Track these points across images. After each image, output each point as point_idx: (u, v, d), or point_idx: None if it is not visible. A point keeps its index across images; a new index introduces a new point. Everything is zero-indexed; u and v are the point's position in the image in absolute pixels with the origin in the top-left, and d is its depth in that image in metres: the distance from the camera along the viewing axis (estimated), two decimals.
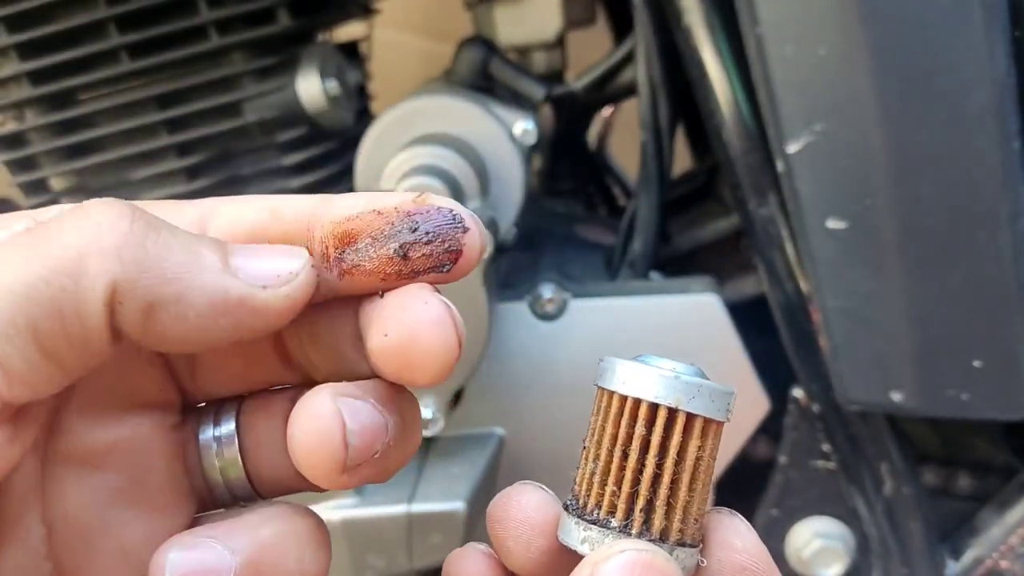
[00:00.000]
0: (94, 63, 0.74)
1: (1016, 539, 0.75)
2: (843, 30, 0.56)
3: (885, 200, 0.59)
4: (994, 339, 0.61)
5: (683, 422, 0.33)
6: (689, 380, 0.33)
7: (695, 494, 0.33)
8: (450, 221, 0.33)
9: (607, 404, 0.34)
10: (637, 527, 0.32)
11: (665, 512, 0.33)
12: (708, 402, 0.33)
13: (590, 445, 0.34)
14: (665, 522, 0.33)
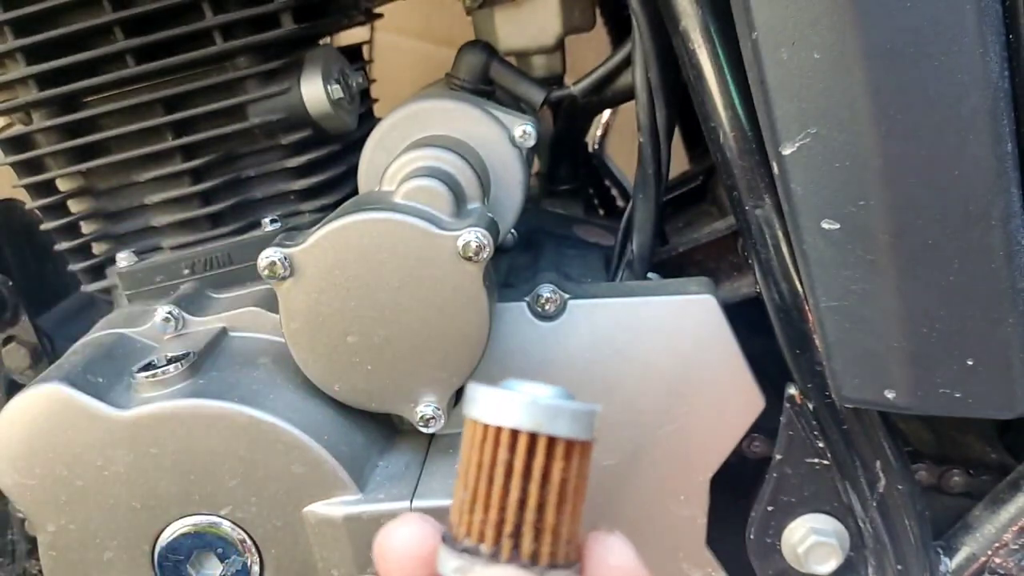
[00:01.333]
0: (100, 66, 0.74)
1: (1009, 536, 0.76)
2: (838, 35, 0.56)
3: (879, 201, 0.59)
4: (987, 338, 0.62)
5: (545, 445, 0.33)
6: (546, 404, 0.33)
7: (564, 515, 0.34)
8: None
9: (471, 433, 0.34)
10: (506, 553, 0.33)
11: (534, 535, 0.33)
12: (569, 423, 0.34)
13: (460, 474, 0.34)
14: (535, 545, 0.33)
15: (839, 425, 0.73)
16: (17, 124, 0.78)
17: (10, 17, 0.71)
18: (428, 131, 0.73)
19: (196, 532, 0.70)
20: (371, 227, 0.63)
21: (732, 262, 0.84)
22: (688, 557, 0.79)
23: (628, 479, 0.76)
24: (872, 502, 0.74)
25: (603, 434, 0.74)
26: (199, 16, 0.73)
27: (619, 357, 0.73)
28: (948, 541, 0.78)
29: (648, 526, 0.78)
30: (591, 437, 0.35)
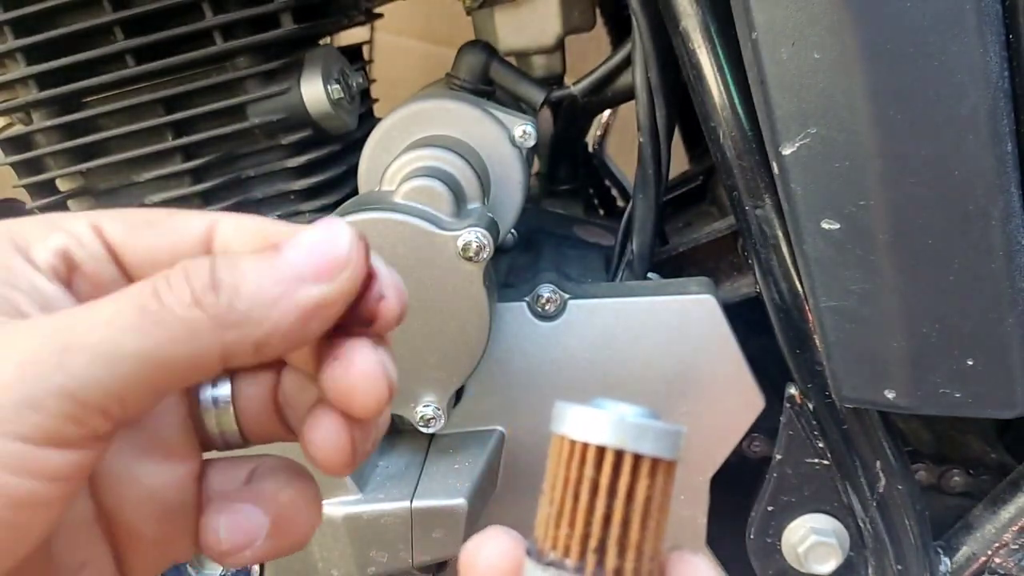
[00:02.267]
0: (100, 66, 0.74)
1: (1009, 536, 0.76)
2: (837, 34, 0.56)
3: (879, 201, 0.59)
4: (987, 338, 0.62)
5: (631, 463, 0.34)
6: (635, 422, 0.34)
7: (648, 532, 0.34)
8: None
9: (559, 449, 0.35)
10: (591, 568, 0.33)
11: (618, 552, 0.33)
12: (655, 443, 0.34)
13: (546, 489, 0.35)
14: (619, 561, 0.33)
15: (839, 425, 0.73)
16: (17, 124, 0.78)
17: (10, 17, 0.71)
18: (428, 131, 0.73)
19: None
20: (371, 227, 0.63)
21: (732, 262, 0.84)
22: None
23: None
24: (872, 502, 0.75)
25: None
26: (199, 16, 0.73)
27: (619, 357, 0.73)
28: (948, 541, 0.78)
29: None
30: (676, 456, 0.35)
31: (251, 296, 0.34)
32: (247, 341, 0.34)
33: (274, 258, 0.35)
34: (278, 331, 0.34)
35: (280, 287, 0.34)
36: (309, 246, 0.35)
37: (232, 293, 0.34)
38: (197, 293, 0.33)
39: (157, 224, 0.39)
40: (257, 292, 0.34)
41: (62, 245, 0.37)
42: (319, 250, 0.35)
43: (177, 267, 0.34)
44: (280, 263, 0.35)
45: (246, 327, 0.34)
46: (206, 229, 0.39)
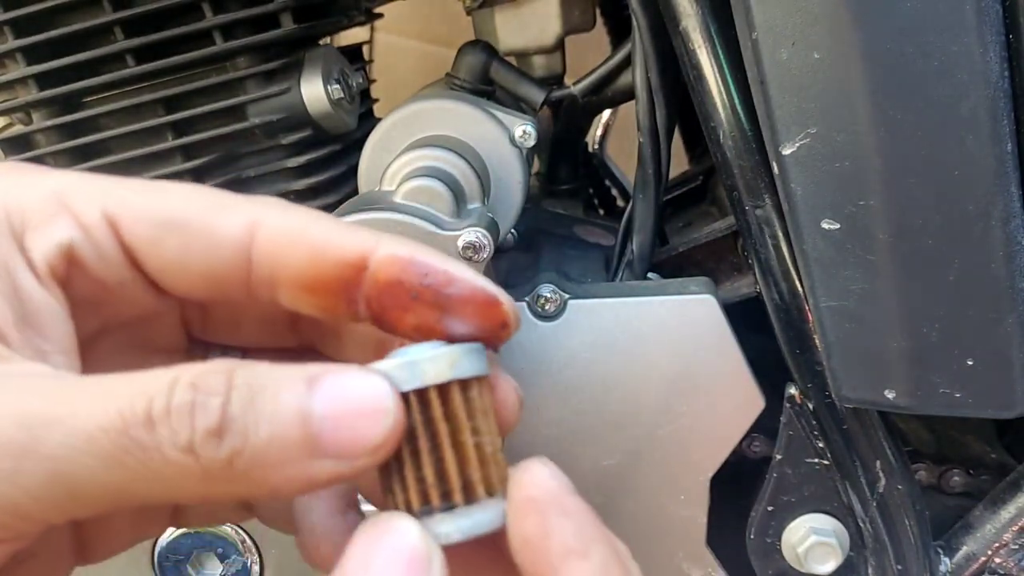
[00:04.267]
0: (100, 66, 0.74)
1: (1009, 536, 0.76)
2: (837, 34, 0.56)
3: (879, 201, 0.59)
4: (987, 338, 0.62)
5: (436, 394, 0.34)
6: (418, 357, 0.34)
7: (481, 446, 0.35)
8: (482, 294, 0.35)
9: None
10: (436, 503, 0.34)
11: (460, 472, 0.34)
12: (448, 368, 0.34)
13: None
14: (463, 478, 0.35)
15: (839, 425, 0.73)
16: (17, 124, 0.78)
17: (10, 17, 0.71)
18: (428, 131, 0.73)
19: (196, 532, 0.70)
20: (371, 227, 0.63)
21: (732, 262, 0.84)
22: (688, 557, 0.79)
23: (628, 479, 0.76)
24: (872, 502, 0.74)
25: (603, 434, 0.75)
26: (199, 16, 0.73)
27: (619, 357, 0.73)
28: (948, 541, 0.78)
29: (648, 526, 0.78)
30: (479, 372, 0.36)
31: (258, 456, 0.29)
32: (233, 495, 0.30)
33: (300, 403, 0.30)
34: (272, 495, 0.30)
35: (293, 454, 0.29)
36: (343, 411, 0.30)
37: (237, 446, 0.28)
38: (197, 439, 0.28)
39: (188, 227, 0.33)
40: (266, 452, 0.29)
41: (66, 239, 0.32)
42: (352, 424, 0.30)
43: (184, 382, 0.29)
44: (304, 420, 0.29)
45: (239, 485, 0.29)
46: (245, 232, 0.33)
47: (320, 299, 0.34)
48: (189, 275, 0.33)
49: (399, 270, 0.33)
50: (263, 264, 0.34)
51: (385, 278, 0.33)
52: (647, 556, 0.80)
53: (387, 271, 0.33)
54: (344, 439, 0.30)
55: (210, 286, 0.34)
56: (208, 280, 0.34)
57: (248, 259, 0.34)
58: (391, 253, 0.34)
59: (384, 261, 0.34)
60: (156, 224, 0.33)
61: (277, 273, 0.34)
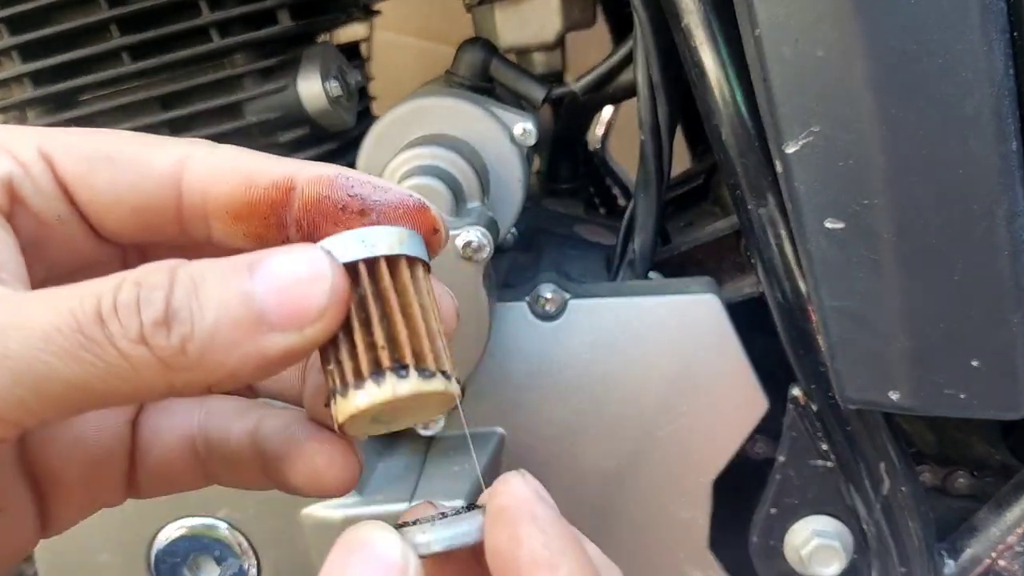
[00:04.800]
0: (96, 64, 0.74)
1: (1014, 538, 0.75)
2: (841, 32, 0.56)
3: (883, 200, 0.59)
4: (992, 339, 0.61)
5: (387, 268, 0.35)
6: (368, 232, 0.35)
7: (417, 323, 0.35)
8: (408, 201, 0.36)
9: None
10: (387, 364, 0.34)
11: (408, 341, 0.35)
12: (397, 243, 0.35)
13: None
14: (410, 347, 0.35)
15: (843, 426, 0.72)
16: (12, 122, 0.78)
17: (5, 15, 0.71)
18: (427, 129, 0.73)
19: (192, 535, 0.69)
20: None
21: (735, 261, 0.83)
22: (690, 559, 0.79)
23: (630, 480, 0.76)
24: (876, 504, 0.74)
25: (604, 435, 0.74)
26: (195, 13, 0.72)
27: (620, 357, 0.73)
28: (952, 543, 0.78)
29: (650, 528, 0.78)
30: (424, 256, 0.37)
31: (207, 339, 0.30)
32: (196, 384, 0.31)
33: (242, 285, 0.31)
34: (232, 378, 0.31)
35: (240, 331, 0.30)
36: (283, 284, 0.31)
37: (186, 332, 0.30)
38: (146, 328, 0.29)
39: (118, 159, 0.35)
40: (215, 334, 0.30)
41: (6, 173, 0.34)
42: (294, 294, 0.31)
43: (130, 280, 0.30)
44: (247, 298, 0.31)
45: (197, 371, 0.30)
46: (175, 165, 0.35)
47: (251, 226, 0.35)
48: (122, 208, 0.35)
49: (326, 184, 0.35)
50: (194, 194, 0.35)
51: (313, 194, 0.35)
52: (648, 558, 0.79)
53: (314, 187, 0.35)
54: (289, 308, 0.31)
55: (143, 222, 0.36)
56: (141, 215, 0.35)
57: (179, 192, 0.35)
58: (316, 172, 0.35)
59: (311, 178, 0.35)
60: (87, 158, 0.35)
61: (208, 202, 0.35)
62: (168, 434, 0.39)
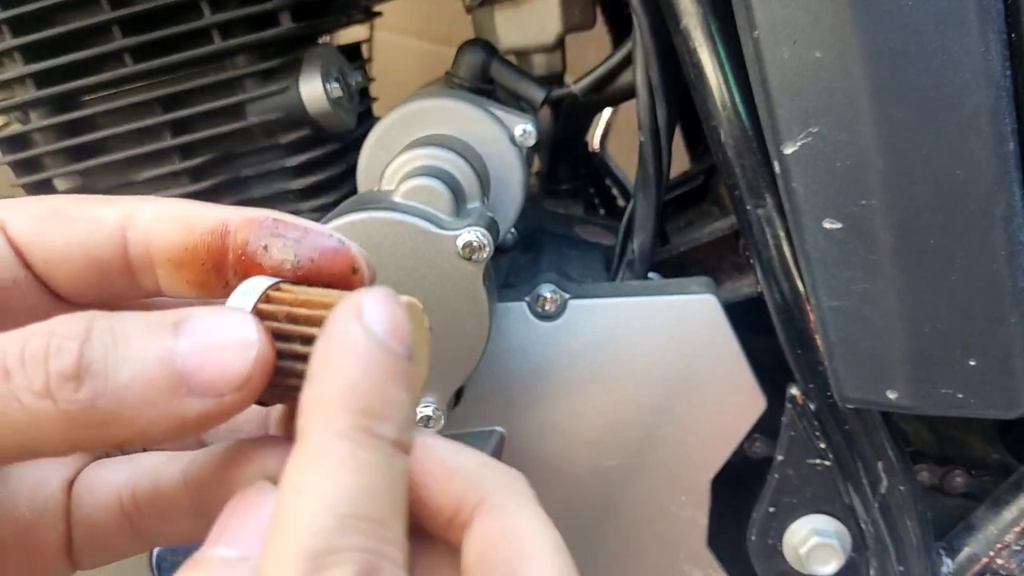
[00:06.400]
0: (98, 65, 0.74)
1: (1012, 537, 0.75)
2: (839, 33, 0.56)
3: (881, 201, 0.59)
4: (989, 338, 0.61)
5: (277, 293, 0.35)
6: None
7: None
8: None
9: None
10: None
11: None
12: None
13: None
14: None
15: (841, 426, 0.72)
16: (15, 123, 0.78)
17: (8, 16, 0.71)
18: (427, 130, 0.73)
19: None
20: (370, 226, 0.63)
21: (733, 262, 0.84)
22: (689, 558, 0.79)
23: (629, 480, 0.76)
24: (874, 503, 0.74)
25: (604, 435, 0.74)
26: (197, 15, 0.72)
27: (620, 357, 0.73)
28: (950, 542, 0.78)
29: (649, 527, 0.78)
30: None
31: (120, 395, 0.28)
32: (101, 441, 0.29)
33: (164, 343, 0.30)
34: (142, 437, 0.29)
35: (156, 391, 0.29)
36: (207, 348, 0.30)
37: (98, 387, 0.28)
38: (52, 381, 0.28)
39: (65, 217, 0.35)
40: (128, 391, 0.29)
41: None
42: (216, 359, 0.30)
43: (42, 330, 0.29)
44: (167, 357, 0.30)
45: (104, 429, 0.29)
46: (120, 219, 0.35)
47: (192, 273, 0.36)
48: (74, 265, 0.35)
49: (253, 227, 0.35)
50: (139, 244, 0.35)
51: (242, 239, 0.35)
52: (648, 557, 0.79)
53: (242, 232, 0.35)
54: (209, 374, 0.30)
55: (95, 278, 0.36)
56: (92, 270, 0.36)
57: (125, 244, 0.36)
58: (246, 216, 0.36)
59: (240, 223, 0.36)
60: (38, 218, 0.35)
61: (152, 252, 0.36)
62: (101, 489, 0.37)
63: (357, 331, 0.29)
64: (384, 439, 0.28)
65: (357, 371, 0.29)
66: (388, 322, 0.30)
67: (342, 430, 0.28)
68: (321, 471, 0.27)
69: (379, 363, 0.29)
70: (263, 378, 0.31)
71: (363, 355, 0.29)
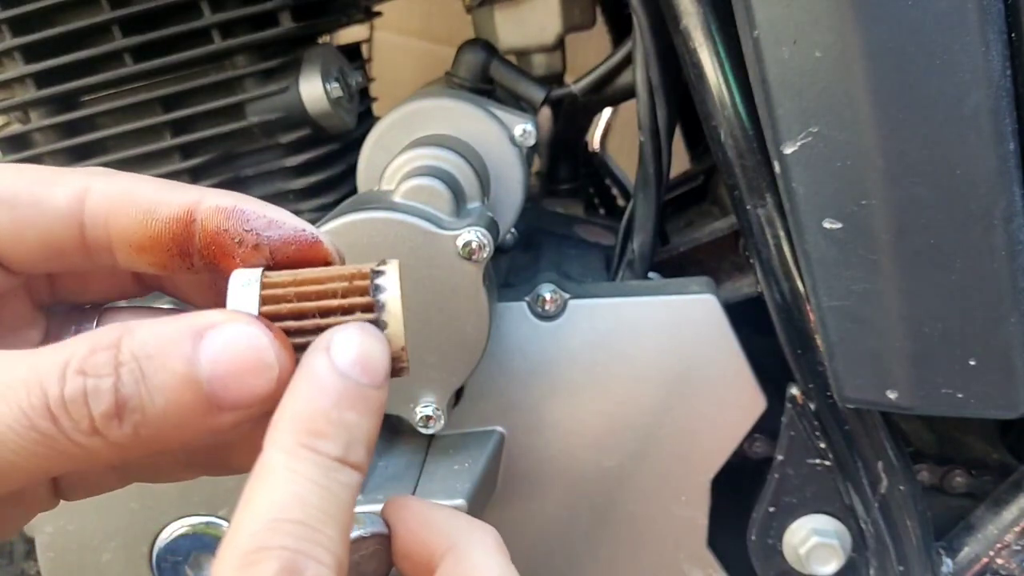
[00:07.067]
0: (98, 65, 0.74)
1: (1012, 537, 0.75)
2: (839, 33, 0.56)
3: (881, 200, 0.59)
4: (989, 338, 0.61)
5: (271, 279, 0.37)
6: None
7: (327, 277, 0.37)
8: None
9: None
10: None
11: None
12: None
13: None
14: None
15: (841, 425, 0.72)
16: (15, 123, 0.78)
17: (8, 16, 0.71)
18: (427, 130, 0.73)
19: (194, 533, 0.69)
20: (370, 226, 0.63)
21: (733, 262, 0.84)
22: (689, 558, 0.79)
23: (629, 480, 0.76)
24: (874, 503, 0.74)
25: (604, 435, 0.74)
26: (197, 14, 0.72)
27: (620, 357, 0.73)
28: (950, 542, 0.78)
29: (649, 527, 0.78)
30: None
31: (159, 422, 0.31)
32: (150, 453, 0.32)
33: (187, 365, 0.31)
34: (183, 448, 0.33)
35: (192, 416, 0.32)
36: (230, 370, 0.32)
37: (138, 420, 0.31)
38: (98, 422, 0.30)
39: (17, 203, 0.36)
40: (165, 418, 0.31)
41: None
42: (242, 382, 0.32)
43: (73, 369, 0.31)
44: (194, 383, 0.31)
45: (152, 446, 0.32)
46: (74, 199, 0.36)
47: (155, 256, 0.37)
48: (27, 247, 0.36)
49: (223, 219, 0.36)
50: (97, 228, 0.36)
51: (212, 228, 0.36)
52: (648, 557, 0.79)
53: (212, 221, 0.36)
54: (235, 395, 0.32)
55: (49, 256, 0.37)
56: (46, 250, 0.36)
57: (81, 225, 0.36)
58: (215, 204, 0.36)
59: (209, 212, 0.36)
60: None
61: (111, 235, 0.36)
62: None
63: (320, 362, 0.33)
64: (324, 455, 0.31)
65: (308, 396, 0.32)
66: (355, 354, 0.33)
67: (284, 446, 0.31)
68: (262, 482, 0.31)
69: (332, 390, 0.32)
70: (284, 388, 0.33)
71: (317, 382, 0.32)
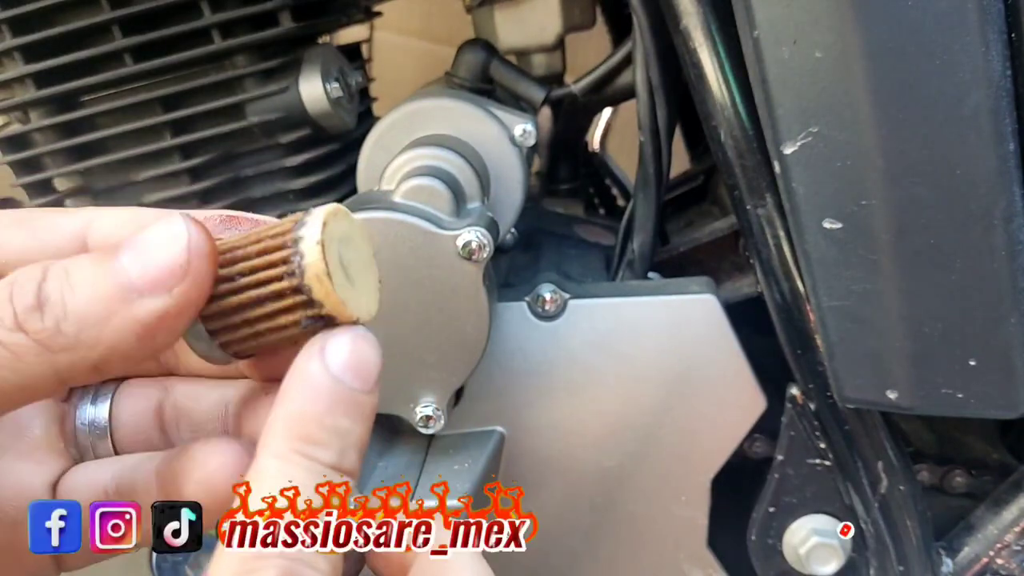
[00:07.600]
0: (98, 65, 0.74)
1: (1012, 537, 0.75)
2: (839, 33, 0.56)
3: (881, 201, 0.59)
4: (989, 338, 0.61)
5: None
6: None
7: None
8: None
9: None
10: None
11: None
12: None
13: None
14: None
15: (841, 426, 0.72)
16: (15, 123, 0.78)
17: (8, 15, 0.71)
18: (427, 130, 0.73)
19: None
20: (370, 226, 0.63)
21: (733, 262, 0.83)
22: (689, 558, 0.79)
23: (629, 480, 0.76)
24: (874, 503, 0.74)
25: (604, 435, 0.74)
26: (197, 14, 0.72)
27: (620, 357, 0.73)
28: (950, 542, 0.78)
29: (649, 527, 0.78)
30: None
31: (80, 315, 0.31)
32: (83, 364, 0.32)
33: (108, 265, 0.32)
34: (116, 352, 0.32)
35: (110, 304, 0.32)
36: (144, 252, 0.33)
37: (59, 312, 0.31)
38: (20, 315, 0.31)
39: (27, 224, 0.37)
40: (86, 310, 0.31)
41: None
42: (154, 257, 0.32)
43: (5, 279, 0.32)
44: (113, 272, 0.32)
45: (77, 350, 0.31)
46: (80, 226, 0.37)
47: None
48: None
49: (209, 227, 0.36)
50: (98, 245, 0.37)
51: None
52: (648, 557, 0.79)
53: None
54: (152, 272, 0.32)
55: None
56: None
57: (85, 245, 0.37)
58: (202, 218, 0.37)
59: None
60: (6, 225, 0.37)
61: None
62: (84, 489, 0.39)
63: (314, 366, 0.33)
64: (318, 461, 0.32)
65: (303, 402, 0.32)
66: (348, 359, 0.33)
67: (278, 452, 0.32)
68: (257, 488, 0.31)
69: (327, 395, 0.32)
70: (204, 263, 0.33)
71: (311, 388, 0.33)
